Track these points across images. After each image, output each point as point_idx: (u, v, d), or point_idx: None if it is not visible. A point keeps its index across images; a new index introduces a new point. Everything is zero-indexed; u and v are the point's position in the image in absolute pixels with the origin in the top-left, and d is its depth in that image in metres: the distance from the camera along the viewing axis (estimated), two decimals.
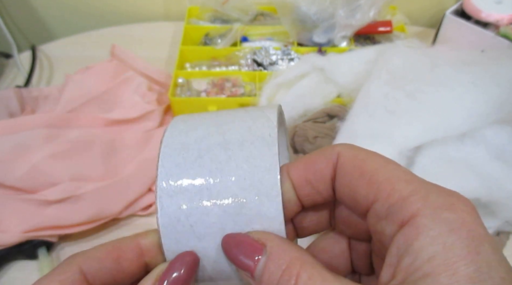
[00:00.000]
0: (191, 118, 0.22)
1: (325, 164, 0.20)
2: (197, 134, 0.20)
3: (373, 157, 0.19)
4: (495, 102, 0.40)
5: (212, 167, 0.19)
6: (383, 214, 0.17)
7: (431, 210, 0.16)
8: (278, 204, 0.18)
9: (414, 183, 0.17)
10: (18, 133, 0.48)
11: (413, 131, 0.41)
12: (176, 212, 0.19)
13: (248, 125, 0.20)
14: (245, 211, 0.18)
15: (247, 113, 0.22)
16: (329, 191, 0.20)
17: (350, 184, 0.19)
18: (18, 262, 0.44)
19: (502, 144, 0.41)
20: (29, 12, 0.80)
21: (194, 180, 0.19)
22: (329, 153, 0.20)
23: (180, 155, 0.20)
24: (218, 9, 0.65)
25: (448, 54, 0.48)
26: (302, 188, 0.20)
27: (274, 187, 0.19)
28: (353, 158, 0.19)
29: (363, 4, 0.58)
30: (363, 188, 0.18)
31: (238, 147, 0.20)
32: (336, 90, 0.53)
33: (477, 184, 0.38)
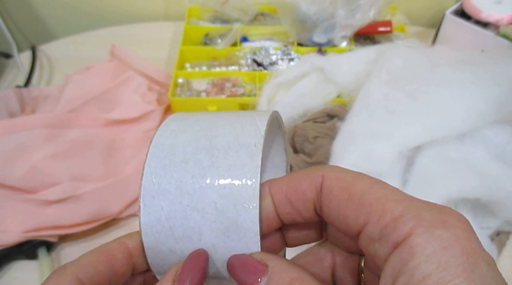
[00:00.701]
0: (184, 119, 0.22)
1: (307, 185, 0.20)
2: (185, 137, 0.21)
3: (360, 178, 0.19)
4: (495, 102, 0.40)
5: (195, 172, 0.19)
6: (376, 236, 0.17)
7: (424, 228, 0.16)
8: (255, 216, 0.19)
9: (404, 202, 0.17)
10: (18, 133, 0.48)
11: (413, 131, 0.41)
12: (157, 213, 0.19)
13: (236, 133, 0.21)
14: (222, 219, 0.19)
15: (238, 118, 0.22)
16: (310, 212, 0.20)
17: (338, 207, 0.18)
18: (18, 262, 0.44)
19: (502, 144, 0.41)
20: (29, 12, 0.80)
21: (177, 183, 0.19)
22: (313, 175, 0.20)
23: (167, 156, 0.20)
24: (218, 9, 0.65)
25: (448, 54, 0.48)
26: (282, 206, 0.20)
27: (252, 199, 0.19)
28: (339, 180, 0.19)
29: (363, 4, 0.58)
30: (353, 211, 0.18)
31: (223, 154, 0.20)
32: (336, 90, 0.53)
33: (477, 184, 0.38)
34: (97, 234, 0.47)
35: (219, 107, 0.54)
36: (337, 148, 0.42)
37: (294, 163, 0.45)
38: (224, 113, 0.23)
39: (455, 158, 0.40)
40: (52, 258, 0.45)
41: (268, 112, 0.22)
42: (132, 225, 0.48)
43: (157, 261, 0.20)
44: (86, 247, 0.45)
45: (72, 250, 0.45)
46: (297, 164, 0.45)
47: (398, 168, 0.40)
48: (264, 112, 0.22)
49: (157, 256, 0.20)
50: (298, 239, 0.22)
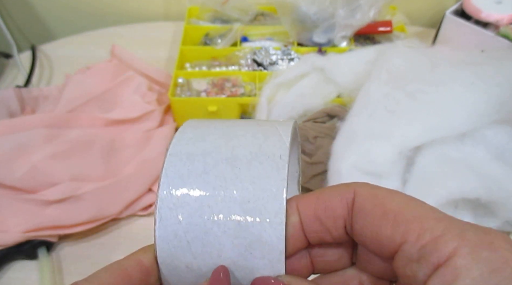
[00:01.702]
0: (201, 126, 0.21)
1: (338, 202, 0.18)
2: (205, 146, 0.20)
3: (394, 194, 0.18)
4: (495, 102, 0.40)
5: (217, 183, 0.18)
6: (415, 256, 0.16)
7: (469, 249, 0.15)
8: (281, 232, 0.18)
9: (445, 221, 0.16)
10: (18, 133, 0.48)
11: (413, 131, 0.41)
12: (175, 226, 0.18)
13: (259, 143, 0.20)
14: (245, 234, 0.18)
15: (259, 127, 0.21)
16: (340, 231, 0.19)
17: (372, 225, 0.17)
18: (18, 262, 0.44)
19: (502, 144, 0.41)
20: (29, 12, 0.80)
21: (197, 196, 0.18)
22: (344, 191, 0.19)
23: (185, 166, 0.19)
24: (218, 9, 0.65)
25: (448, 54, 0.48)
26: (310, 224, 0.19)
27: (278, 214, 0.18)
28: (372, 196, 0.18)
29: (363, 4, 0.58)
30: (388, 228, 0.17)
31: (246, 165, 0.19)
32: (336, 90, 0.53)
33: (477, 184, 0.38)
34: (97, 234, 0.47)
35: (219, 107, 0.54)
36: (337, 148, 0.42)
37: None
38: (242, 121, 0.22)
39: (455, 158, 0.40)
40: (52, 258, 0.45)
41: (290, 122, 0.21)
42: (132, 225, 0.48)
43: (172, 277, 0.19)
44: (86, 247, 0.46)
45: (72, 250, 0.45)
46: None
47: (398, 168, 0.40)
48: (285, 122, 0.21)
49: (172, 272, 0.19)
50: (327, 263, 0.21)
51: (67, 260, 0.45)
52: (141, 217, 0.48)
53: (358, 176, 0.40)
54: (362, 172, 0.40)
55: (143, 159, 0.51)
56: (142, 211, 0.48)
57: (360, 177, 0.40)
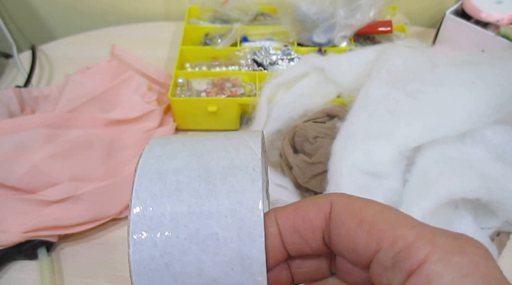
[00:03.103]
0: (169, 143, 0.21)
1: (315, 213, 0.19)
2: (176, 164, 0.19)
3: (370, 204, 0.18)
4: (495, 103, 0.40)
5: (192, 201, 0.18)
6: (389, 264, 0.16)
7: (441, 255, 0.15)
8: (260, 245, 0.17)
9: (418, 227, 0.16)
10: (18, 133, 0.48)
11: (413, 131, 0.41)
12: (150, 249, 0.18)
13: (231, 156, 0.19)
14: (225, 250, 0.18)
15: (229, 141, 0.21)
16: (318, 242, 0.19)
17: (347, 235, 0.18)
18: (18, 262, 0.44)
19: (502, 144, 0.41)
20: (29, 12, 0.80)
21: (172, 215, 0.18)
22: (322, 202, 0.19)
23: (157, 185, 0.18)
24: (218, 9, 0.65)
25: (448, 54, 0.48)
26: (288, 236, 0.19)
27: (256, 226, 0.18)
28: (348, 206, 0.18)
29: (363, 4, 0.58)
30: (363, 238, 0.17)
31: (220, 180, 0.18)
32: (336, 90, 0.53)
33: (477, 184, 0.38)
34: (97, 234, 0.47)
35: (219, 107, 0.54)
36: (337, 148, 0.42)
37: (294, 162, 0.45)
38: (211, 136, 0.21)
39: (455, 158, 0.40)
40: (52, 258, 0.45)
41: (258, 133, 0.21)
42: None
43: None
44: (86, 247, 0.46)
45: (72, 250, 0.45)
46: (297, 164, 0.45)
47: (398, 168, 0.40)
48: (253, 133, 0.21)
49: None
50: (306, 274, 0.21)
51: (67, 260, 0.45)
52: None
53: (358, 176, 0.40)
54: (362, 172, 0.40)
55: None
56: None
57: (360, 177, 0.40)
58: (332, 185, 0.40)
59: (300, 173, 0.44)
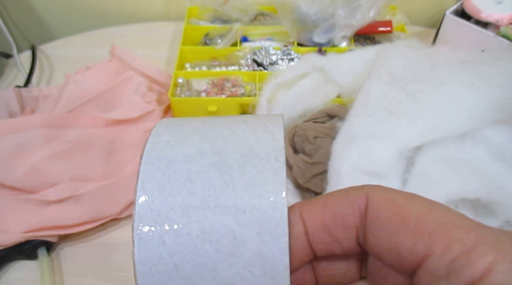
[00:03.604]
0: (178, 126, 0.18)
1: (349, 209, 0.16)
2: (186, 150, 0.17)
3: (413, 198, 0.16)
4: (495, 103, 0.40)
5: (205, 194, 0.16)
6: (442, 273, 0.14)
7: (509, 263, 0.13)
8: (284, 245, 0.15)
9: (477, 229, 0.14)
10: (18, 133, 0.48)
11: (413, 131, 0.41)
12: (158, 248, 0.16)
13: (249, 143, 0.17)
14: (242, 250, 0.15)
15: (246, 125, 0.18)
16: (352, 241, 0.17)
17: (389, 234, 0.15)
18: (18, 262, 0.44)
19: (502, 144, 0.41)
20: (29, 12, 0.80)
21: (182, 210, 0.16)
22: (355, 196, 0.16)
23: (165, 175, 0.16)
24: (218, 9, 0.65)
25: (448, 54, 0.48)
26: (317, 234, 0.17)
27: (279, 224, 0.15)
28: (388, 201, 0.16)
29: (363, 4, 0.58)
30: (409, 239, 0.15)
31: (237, 170, 0.16)
32: (336, 90, 0.53)
33: (477, 184, 0.38)
34: (97, 234, 0.47)
35: (219, 108, 0.54)
36: (337, 147, 0.42)
37: (294, 163, 0.45)
38: (225, 118, 0.19)
39: (455, 158, 0.40)
40: (52, 258, 0.45)
41: (279, 117, 0.19)
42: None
43: None
44: (86, 247, 0.45)
45: (72, 250, 0.45)
46: (297, 164, 0.45)
47: (398, 168, 0.40)
48: (274, 117, 0.19)
49: None
50: (333, 277, 0.18)
51: (67, 260, 0.45)
52: None
53: (358, 176, 0.40)
54: (362, 172, 0.40)
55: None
56: None
57: (360, 177, 0.40)
58: (332, 185, 0.40)
59: (300, 173, 0.44)
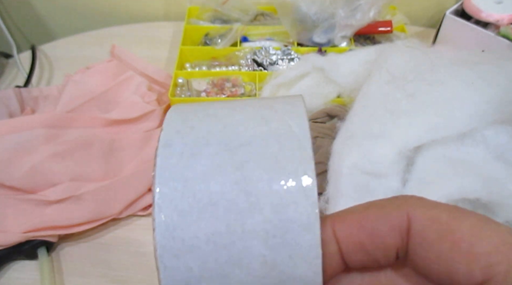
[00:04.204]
0: (189, 129, 0.16)
1: (388, 229, 0.15)
2: (204, 164, 0.15)
3: (460, 215, 0.14)
4: (495, 103, 0.40)
5: (230, 218, 0.15)
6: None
7: None
8: (317, 267, 0.15)
9: None
10: (18, 133, 0.48)
11: (413, 131, 0.41)
12: (184, 275, 0.15)
13: (274, 154, 0.15)
14: (274, 273, 0.15)
15: (267, 126, 0.16)
16: (391, 259, 0.15)
17: (439, 259, 0.14)
18: (18, 262, 0.44)
19: (502, 144, 0.41)
20: (29, 12, 0.80)
21: (208, 236, 0.15)
22: (395, 216, 0.15)
23: (184, 198, 0.15)
24: (218, 9, 0.65)
25: (448, 54, 0.48)
26: (353, 254, 0.15)
27: (313, 247, 0.14)
28: (433, 222, 0.14)
29: (363, 4, 0.58)
30: (462, 263, 0.13)
31: (264, 190, 0.15)
32: (336, 90, 0.53)
33: (477, 184, 0.38)
34: (97, 234, 0.46)
35: None
36: (337, 147, 0.42)
37: None
38: (243, 113, 0.17)
39: (455, 158, 0.40)
40: (52, 258, 0.45)
41: (299, 109, 0.17)
42: (132, 225, 0.48)
43: None
44: (86, 247, 0.45)
45: (72, 250, 0.45)
46: None
47: (398, 168, 0.40)
48: (294, 109, 0.17)
49: None
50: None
51: (67, 260, 0.45)
52: (141, 217, 0.48)
53: (358, 176, 0.40)
54: (362, 172, 0.40)
55: (143, 159, 0.51)
56: (142, 211, 0.48)
57: (360, 177, 0.40)
58: (332, 185, 0.40)
59: None
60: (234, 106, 0.17)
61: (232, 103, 0.18)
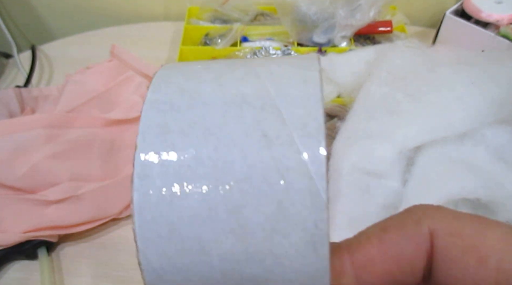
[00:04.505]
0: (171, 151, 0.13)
1: (413, 249, 0.13)
2: (191, 204, 0.13)
3: (484, 227, 0.13)
4: (495, 103, 0.40)
5: (227, 267, 0.13)
6: None
7: None
8: None
9: None
10: (18, 133, 0.48)
11: (413, 131, 0.41)
12: None
13: (276, 197, 0.12)
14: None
15: (269, 151, 0.12)
16: (417, 280, 0.14)
17: (464, 276, 0.13)
18: (18, 262, 0.44)
19: (502, 144, 0.41)
20: (29, 12, 0.80)
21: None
22: (417, 231, 0.13)
23: (172, 245, 0.13)
24: (218, 9, 0.65)
25: (448, 54, 0.48)
26: (374, 283, 0.14)
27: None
28: (456, 236, 0.13)
29: (363, 4, 0.58)
30: (491, 281, 0.12)
31: (264, 242, 0.12)
32: (336, 90, 0.53)
33: (477, 184, 0.38)
34: (97, 234, 0.46)
35: None
36: (337, 148, 0.42)
37: None
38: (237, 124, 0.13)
39: (455, 158, 0.40)
40: (52, 258, 0.45)
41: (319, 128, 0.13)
42: (132, 225, 0.47)
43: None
44: (86, 247, 0.45)
45: (72, 250, 0.45)
46: None
47: (398, 168, 0.40)
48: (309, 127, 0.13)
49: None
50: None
51: (67, 260, 0.44)
52: None
53: (358, 176, 0.40)
54: (362, 172, 0.40)
55: None
56: None
57: (360, 177, 0.40)
58: (332, 185, 0.40)
59: None
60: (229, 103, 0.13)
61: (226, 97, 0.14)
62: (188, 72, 0.15)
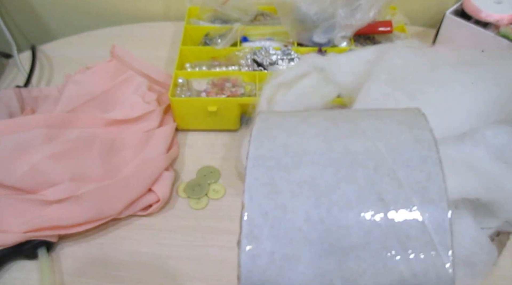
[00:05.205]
0: (282, 215, 0.12)
1: None
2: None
3: None
4: (495, 103, 0.40)
5: None
6: None
7: None
8: None
9: None
10: (18, 133, 0.48)
11: None
12: None
13: (398, 274, 0.11)
14: None
15: (387, 217, 0.11)
16: None
17: None
18: (18, 262, 0.44)
19: (502, 144, 0.41)
20: (29, 12, 0.80)
21: None
22: None
23: None
24: (218, 9, 0.65)
25: (448, 54, 0.48)
26: None
27: None
28: None
29: (363, 4, 0.58)
30: None
31: None
32: (336, 90, 0.53)
33: (477, 184, 0.38)
34: (97, 234, 0.47)
35: (219, 108, 0.54)
36: None
37: None
38: (358, 207, 0.12)
39: (455, 158, 0.40)
40: (52, 258, 0.45)
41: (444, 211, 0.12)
42: (132, 225, 0.48)
43: None
44: (86, 247, 0.46)
45: (72, 250, 0.45)
46: None
47: None
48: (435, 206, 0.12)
49: None
50: None
51: (67, 260, 0.45)
52: (141, 217, 0.48)
53: None
54: None
55: (143, 159, 0.51)
56: (142, 211, 0.48)
57: None
58: None
59: None
60: (338, 162, 0.12)
61: (334, 155, 0.12)
62: (289, 126, 0.14)
